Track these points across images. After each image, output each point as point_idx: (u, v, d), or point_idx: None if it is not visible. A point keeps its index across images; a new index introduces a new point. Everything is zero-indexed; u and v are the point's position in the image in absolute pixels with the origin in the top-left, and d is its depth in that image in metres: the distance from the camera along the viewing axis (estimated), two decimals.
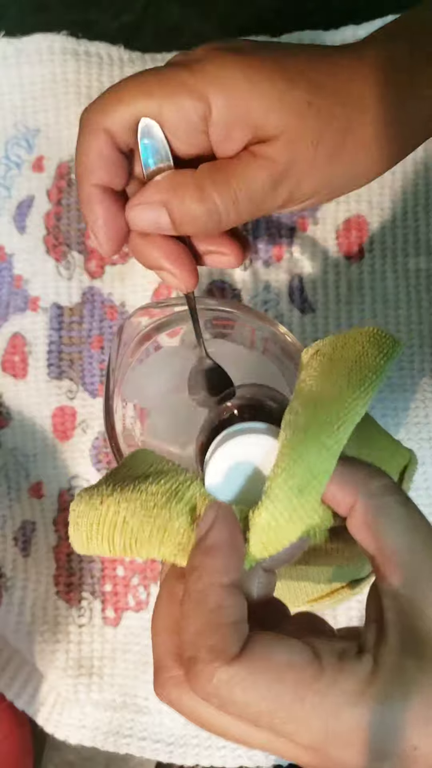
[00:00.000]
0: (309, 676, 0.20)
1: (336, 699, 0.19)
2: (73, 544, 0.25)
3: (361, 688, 0.20)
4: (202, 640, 0.20)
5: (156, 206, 0.27)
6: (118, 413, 0.33)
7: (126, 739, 0.43)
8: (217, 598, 0.21)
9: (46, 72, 0.48)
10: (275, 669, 0.20)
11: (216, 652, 0.20)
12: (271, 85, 0.25)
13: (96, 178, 0.27)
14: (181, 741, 0.42)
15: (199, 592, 0.21)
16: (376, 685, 0.20)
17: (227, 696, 0.20)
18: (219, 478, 0.25)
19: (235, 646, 0.20)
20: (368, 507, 0.22)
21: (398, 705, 0.19)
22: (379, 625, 0.21)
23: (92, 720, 0.44)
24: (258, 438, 0.25)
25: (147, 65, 0.48)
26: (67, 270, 0.47)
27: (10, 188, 0.49)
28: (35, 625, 0.45)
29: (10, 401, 0.47)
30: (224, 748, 0.42)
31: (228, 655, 0.20)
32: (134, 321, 0.33)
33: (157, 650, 0.23)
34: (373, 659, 0.20)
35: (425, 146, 0.45)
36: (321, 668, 0.20)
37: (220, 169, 0.27)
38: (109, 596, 0.45)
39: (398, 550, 0.22)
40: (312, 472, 0.23)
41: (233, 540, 0.22)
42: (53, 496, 0.46)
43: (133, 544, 0.24)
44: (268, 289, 0.45)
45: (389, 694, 0.19)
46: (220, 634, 0.20)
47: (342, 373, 0.26)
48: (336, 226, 0.45)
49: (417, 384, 0.43)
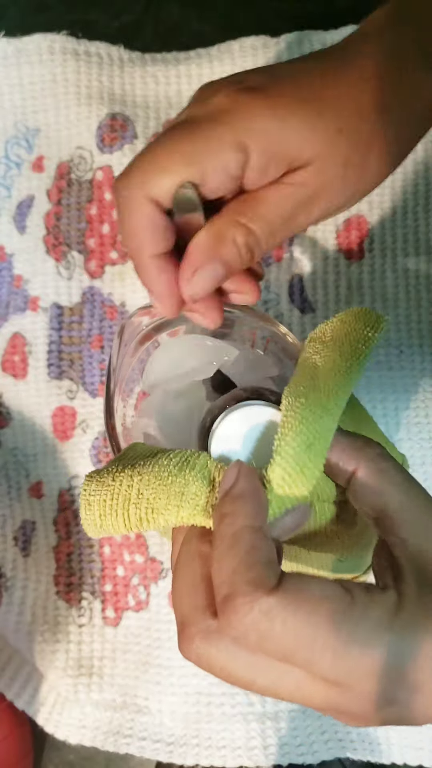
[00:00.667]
0: (343, 606, 0.21)
1: (369, 625, 0.21)
2: (85, 526, 0.25)
3: (390, 617, 0.21)
4: (239, 576, 0.21)
5: (208, 268, 0.27)
6: (118, 413, 0.33)
7: (126, 739, 0.43)
8: (251, 539, 0.22)
9: (46, 72, 0.48)
10: (312, 600, 0.21)
11: (255, 584, 0.21)
12: (301, 118, 0.26)
13: (152, 249, 0.27)
14: (181, 741, 0.42)
15: (232, 535, 0.22)
16: (404, 613, 0.21)
17: (267, 628, 0.20)
18: (225, 445, 0.27)
19: (273, 579, 0.21)
20: (370, 470, 0.24)
21: (422, 633, 0.21)
22: (395, 568, 0.23)
23: (92, 720, 0.44)
24: (261, 408, 0.27)
25: (147, 65, 0.48)
26: (67, 270, 0.47)
27: (10, 188, 0.49)
28: (35, 624, 0.45)
29: (11, 401, 0.47)
30: (224, 748, 0.42)
31: (267, 586, 0.21)
32: (135, 321, 0.33)
33: (181, 608, 0.23)
34: (396, 593, 0.22)
35: (425, 146, 0.45)
36: (353, 600, 0.21)
37: (251, 203, 0.27)
38: (110, 596, 0.45)
39: (402, 508, 0.24)
40: (317, 430, 0.24)
41: (258, 490, 0.24)
42: (53, 495, 0.46)
43: (150, 514, 0.24)
44: (268, 289, 0.45)
45: (416, 622, 0.21)
46: (258, 569, 0.21)
47: (334, 348, 0.27)
48: (336, 226, 0.45)
49: (417, 384, 0.43)
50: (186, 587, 0.23)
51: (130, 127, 0.47)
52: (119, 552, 0.45)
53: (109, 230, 0.47)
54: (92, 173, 0.48)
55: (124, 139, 0.47)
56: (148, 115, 0.48)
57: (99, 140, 0.47)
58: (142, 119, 0.47)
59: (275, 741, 0.41)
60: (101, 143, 0.47)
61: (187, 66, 0.48)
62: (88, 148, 0.48)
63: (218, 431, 0.27)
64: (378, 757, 0.40)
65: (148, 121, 0.47)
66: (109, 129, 0.47)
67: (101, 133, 0.47)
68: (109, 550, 0.45)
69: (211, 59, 0.48)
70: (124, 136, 0.47)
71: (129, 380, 0.34)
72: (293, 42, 0.47)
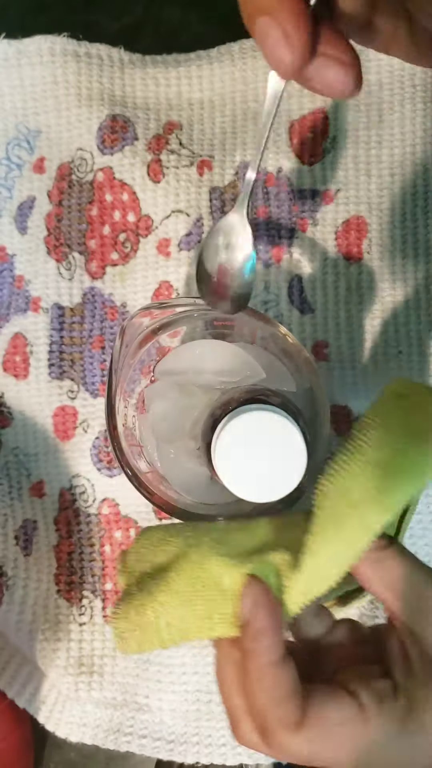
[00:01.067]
0: (359, 728, 0.25)
1: (382, 739, 0.25)
2: (123, 651, 0.27)
3: (400, 727, 0.25)
4: (270, 712, 0.25)
5: None
6: (119, 413, 0.33)
7: (126, 737, 0.43)
8: (273, 674, 0.26)
9: (46, 73, 0.48)
10: (331, 730, 0.25)
11: (281, 723, 0.25)
12: None
13: None
14: (181, 739, 0.42)
15: (256, 671, 0.26)
16: (413, 720, 0.25)
17: (297, 754, 0.26)
18: (227, 452, 0.27)
19: (295, 714, 0.25)
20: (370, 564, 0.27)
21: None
22: (406, 660, 0.26)
23: (93, 718, 0.44)
24: (263, 414, 0.27)
25: (147, 67, 0.48)
26: (68, 270, 0.48)
27: (11, 189, 0.49)
28: (36, 623, 0.45)
29: (12, 401, 0.48)
30: (224, 746, 0.42)
31: (291, 724, 0.25)
32: (136, 322, 0.33)
33: (232, 711, 0.28)
34: (405, 699, 0.25)
35: (425, 147, 0.45)
36: (367, 719, 0.25)
37: None
38: (110, 595, 0.45)
39: (403, 595, 0.27)
40: (351, 547, 0.26)
41: (273, 621, 0.26)
42: (54, 495, 0.46)
43: (183, 638, 0.27)
44: (267, 290, 0.46)
45: (422, 725, 0.25)
46: (282, 708, 0.25)
47: (399, 444, 0.27)
48: (335, 227, 0.46)
49: None
50: (232, 693, 0.27)
51: (131, 128, 0.47)
52: (120, 551, 0.45)
53: (110, 231, 0.48)
54: (93, 174, 0.48)
55: (124, 140, 0.47)
56: (149, 117, 0.48)
57: (99, 141, 0.48)
58: (143, 121, 0.48)
59: None
60: (102, 144, 0.48)
61: (187, 68, 0.48)
62: (89, 150, 0.48)
63: (221, 439, 0.27)
64: None
65: (149, 123, 0.48)
66: (109, 130, 0.48)
67: (102, 134, 0.48)
68: (110, 549, 0.45)
69: (212, 61, 0.48)
70: (124, 138, 0.48)
71: (130, 380, 0.34)
72: None
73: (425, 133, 0.46)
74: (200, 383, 0.34)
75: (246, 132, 0.47)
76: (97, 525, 0.46)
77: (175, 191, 0.47)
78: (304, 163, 0.47)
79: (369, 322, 0.44)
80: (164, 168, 0.47)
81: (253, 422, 0.26)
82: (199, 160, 0.47)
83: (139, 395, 0.36)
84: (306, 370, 0.34)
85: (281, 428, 0.26)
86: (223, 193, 0.47)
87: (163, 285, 0.46)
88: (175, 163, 0.47)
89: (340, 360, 0.44)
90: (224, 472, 0.27)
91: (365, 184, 0.46)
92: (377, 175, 0.46)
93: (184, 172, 0.47)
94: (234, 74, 0.48)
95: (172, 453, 0.36)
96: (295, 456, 0.26)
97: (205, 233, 0.46)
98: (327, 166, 0.46)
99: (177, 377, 0.34)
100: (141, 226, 0.47)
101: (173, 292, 0.46)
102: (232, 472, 0.27)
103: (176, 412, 0.34)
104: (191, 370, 0.34)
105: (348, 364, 0.44)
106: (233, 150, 0.47)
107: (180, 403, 0.34)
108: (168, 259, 0.46)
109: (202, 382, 0.34)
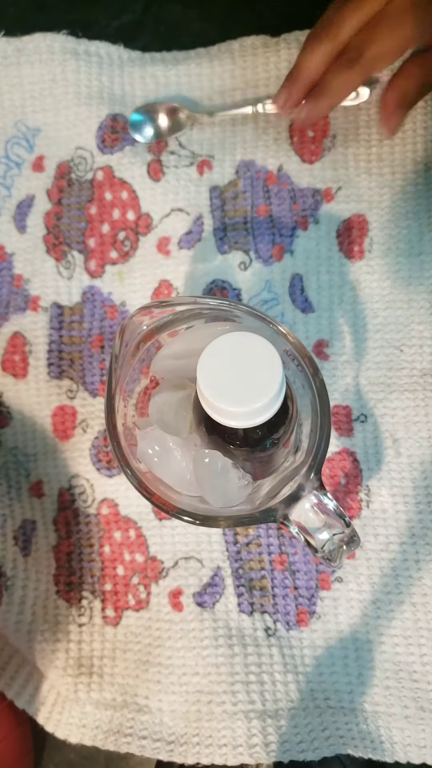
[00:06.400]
0: None
1: None
2: None
3: None
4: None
5: None
6: (119, 413, 0.33)
7: (126, 738, 0.43)
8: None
9: (46, 71, 0.48)
10: None
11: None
12: None
13: None
14: (181, 740, 0.42)
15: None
16: None
17: None
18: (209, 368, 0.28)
19: None
20: None
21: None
22: None
23: (92, 719, 0.44)
24: (243, 335, 0.29)
25: (147, 65, 0.48)
26: (67, 269, 0.47)
27: (11, 188, 0.49)
28: (35, 624, 0.45)
29: (11, 401, 0.47)
30: (225, 746, 0.42)
31: None
32: (136, 321, 0.33)
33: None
34: None
35: (425, 146, 0.45)
36: None
37: None
38: (110, 595, 0.45)
39: None
40: None
41: None
42: (53, 495, 0.46)
43: None
44: (268, 289, 0.45)
45: None
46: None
47: None
48: (336, 225, 0.45)
49: (417, 384, 0.43)
50: None
51: None
52: (119, 551, 0.45)
53: (109, 230, 0.47)
54: (92, 173, 0.48)
55: (125, 141, 0.47)
56: None
57: (99, 141, 0.47)
58: None
59: (276, 738, 0.41)
60: (102, 144, 0.47)
61: (187, 66, 0.48)
62: (89, 149, 0.48)
63: (204, 356, 0.29)
64: (380, 755, 0.40)
65: None
66: (110, 130, 0.47)
67: (102, 133, 0.47)
68: (110, 549, 0.45)
69: (212, 59, 0.48)
70: (125, 138, 0.47)
71: (130, 380, 0.34)
72: (293, 42, 0.47)
73: (426, 131, 0.45)
74: (192, 376, 0.34)
75: (246, 131, 0.47)
76: (97, 525, 0.45)
77: (175, 190, 0.47)
78: (304, 162, 0.46)
79: (370, 320, 0.44)
80: (164, 167, 0.47)
81: (234, 341, 0.29)
82: (199, 160, 0.47)
83: (139, 396, 0.36)
84: (307, 369, 0.33)
85: (259, 345, 0.28)
86: (222, 192, 0.47)
87: (163, 284, 0.46)
88: (175, 162, 0.47)
89: (340, 359, 0.44)
90: (206, 386, 0.28)
91: (366, 182, 0.46)
92: (378, 173, 0.46)
93: (183, 171, 0.47)
94: (234, 72, 0.48)
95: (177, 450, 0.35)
96: (272, 367, 0.28)
97: (204, 231, 0.46)
98: (327, 165, 0.46)
99: (176, 362, 0.34)
100: (141, 224, 0.47)
101: (173, 291, 0.46)
102: (213, 385, 0.28)
103: (174, 405, 0.34)
104: (188, 353, 0.34)
105: (349, 363, 0.44)
106: (233, 149, 0.47)
107: (175, 397, 0.34)
108: (168, 258, 0.46)
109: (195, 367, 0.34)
